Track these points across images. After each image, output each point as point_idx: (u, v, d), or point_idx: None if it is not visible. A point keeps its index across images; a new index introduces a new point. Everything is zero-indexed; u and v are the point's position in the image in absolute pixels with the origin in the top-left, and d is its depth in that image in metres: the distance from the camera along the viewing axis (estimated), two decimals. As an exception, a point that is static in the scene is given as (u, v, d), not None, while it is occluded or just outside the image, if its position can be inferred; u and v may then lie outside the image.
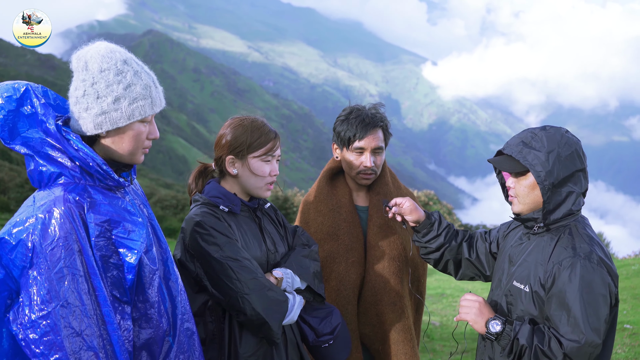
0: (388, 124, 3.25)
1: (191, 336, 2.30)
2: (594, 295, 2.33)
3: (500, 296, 2.62)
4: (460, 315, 2.56)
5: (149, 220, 2.28)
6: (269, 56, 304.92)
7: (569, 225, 2.51)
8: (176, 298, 2.26)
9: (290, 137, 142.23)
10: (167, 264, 2.28)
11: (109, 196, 2.10)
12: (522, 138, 2.53)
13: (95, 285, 1.97)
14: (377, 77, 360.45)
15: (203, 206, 2.64)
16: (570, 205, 2.48)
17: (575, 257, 2.37)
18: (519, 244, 2.64)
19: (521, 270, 2.54)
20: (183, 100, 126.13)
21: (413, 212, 2.94)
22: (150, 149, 2.22)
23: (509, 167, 2.53)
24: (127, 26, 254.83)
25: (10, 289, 1.94)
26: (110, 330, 1.98)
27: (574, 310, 2.31)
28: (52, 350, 1.87)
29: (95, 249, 1.99)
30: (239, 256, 2.51)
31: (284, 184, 54.80)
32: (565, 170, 2.44)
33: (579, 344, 2.28)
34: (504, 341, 2.40)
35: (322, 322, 2.81)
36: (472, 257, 2.94)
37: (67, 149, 2.03)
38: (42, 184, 2.09)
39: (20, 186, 20.90)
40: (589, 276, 2.33)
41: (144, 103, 2.10)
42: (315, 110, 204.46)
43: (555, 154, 2.43)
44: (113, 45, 2.16)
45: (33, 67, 77.59)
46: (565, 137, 2.49)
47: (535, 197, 2.51)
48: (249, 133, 2.64)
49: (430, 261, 3.04)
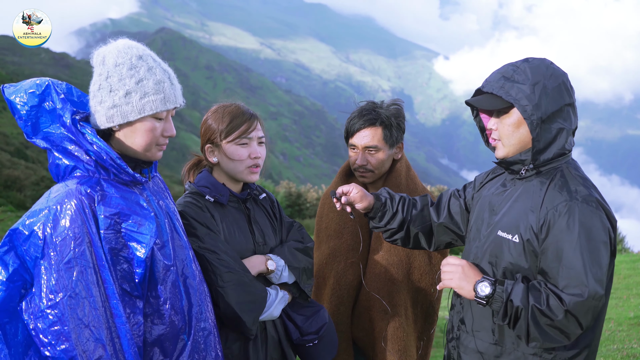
0: (394, 122, 3.09)
1: (207, 336, 2.27)
2: (595, 242, 2.11)
3: (481, 249, 2.37)
4: (443, 282, 2.32)
5: (169, 217, 2.27)
6: (281, 53, 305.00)
7: (560, 167, 2.27)
8: (193, 297, 2.24)
9: (302, 133, 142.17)
10: (186, 262, 2.26)
11: (123, 190, 2.11)
12: (503, 73, 2.29)
13: (104, 278, 1.98)
14: (389, 72, 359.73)
15: (189, 196, 2.63)
16: (563, 144, 2.24)
17: (572, 200, 2.15)
18: (502, 192, 2.40)
19: (507, 219, 2.29)
20: (196, 97, 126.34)
21: (363, 198, 2.68)
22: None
23: (490, 104, 2.27)
24: (139, 24, 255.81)
25: (24, 279, 1.96)
26: (118, 323, 1.98)
27: (574, 261, 2.09)
28: (59, 340, 1.89)
29: (105, 241, 2.00)
30: (217, 248, 2.46)
31: (298, 180, 54.48)
32: (554, 104, 2.20)
33: (582, 298, 2.06)
34: (496, 304, 2.16)
35: (308, 320, 2.74)
36: (443, 219, 2.68)
37: (82, 142, 2.06)
38: (59, 177, 2.12)
39: (36, 184, 21.10)
40: (589, 221, 2.12)
41: (155, 98, 2.10)
42: (328, 107, 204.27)
43: (541, 85, 2.19)
44: (133, 42, 2.19)
45: (47, 66, 78.14)
46: (551, 68, 2.25)
47: (522, 137, 2.26)
48: (220, 119, 2.62)
49: (398, 242, 2.78)
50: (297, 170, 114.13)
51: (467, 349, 2.41)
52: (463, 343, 2.44)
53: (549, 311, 2.09)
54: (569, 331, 2.12)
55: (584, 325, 2.12)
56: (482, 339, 2.36)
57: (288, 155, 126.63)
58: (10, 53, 77.23)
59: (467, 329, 2.42)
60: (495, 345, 2.32)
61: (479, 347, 2.36)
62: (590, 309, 2.10)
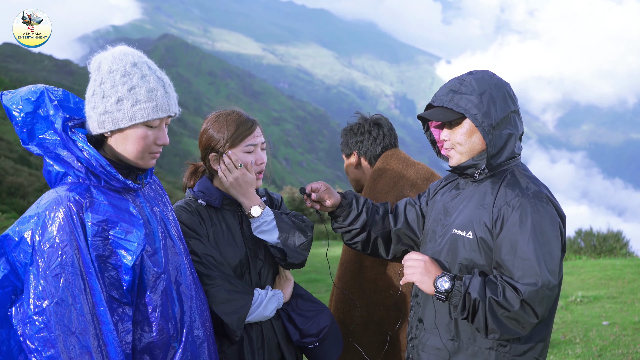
0: (345, 141, 3.39)
1: (201, 344, 2.26)
2: (547, 235, 2.22)
3: (437, 248, 2.47)
4: (406, 277, 2.39)
5: (163, 223, 2.27)
6: (284, 58, 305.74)
7: (510, 169, 2.41)
8: (186, 304, 2.23)
9: (305, 138, 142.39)
10: (180, 269, 2.25)
11: (113, 197, 2.10)
12: (450, 87, 2.42)
13: (91, 285, 1.97)
14: (392, 77, 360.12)
15: (182, 201, 2.64)
16: (513, 148, 2.39)
17: (524, 196, 2.27)
18: (456, 195, 2.52)
19: (462, 217, 2.40)
20: (199, 103, 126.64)
21: (331, 196, 2.75)
22: (167, 153, 2.14)
23: (443, 116, 2.39)
24: (142, 31, 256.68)
25: (14, 285, 1.96)
26: (105, 330, 1.97)
27: (527, 252, 2.19)
28: (45, 346, 1.88)
29: (92, 248, 1.99)
30: (199, 252, 2.46)
31: (301, 185, 54.40)
32: (501, 112, 2.34)
33: (535, 287, 2.16)
34: (455, 298, 2.24)
35: (309, 322, 2.70)
36: (400, 225, 2.76)
37: (72, 148, 2.06)
38: (52, 183, 2.13)
39: (39, 191, 21.11)
40: (540, 216, 2.23)
41: (147, 106, 2.09)
42: (331, 112, 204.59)
43: (487, 95, 2.33)
44: (130, 49, 2.18)
45: (50, 73, 78.36)
46: (494, 78, 2.41)
47: (474, 144, 2.40)
48: (224, 128, 2.59)
49: (357, 246, 2.83)
50: (300, 176, 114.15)
51: (425, 346, 2.48)
52: (422, 341, 2.50)
53: (505, 302, 2.17)
54: (525, 321, 2.19)
55: (539, 314, 2.20)
56: (440, 335, 2.42)
57: (291, 160, 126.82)
58: (13, 60, 77.56)
59: (426, 327, 2.49)
60: (452, 340, 2.40)
61: (437, 344, 2.42)
62: (545, 298, 2.18)
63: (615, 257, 13.89)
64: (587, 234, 15.31)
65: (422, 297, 2.53)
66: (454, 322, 2.38)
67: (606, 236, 14.94)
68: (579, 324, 7.41)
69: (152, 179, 2.41)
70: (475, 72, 2.43)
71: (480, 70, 2.45)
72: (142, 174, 2.28)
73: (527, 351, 2.34)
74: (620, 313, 7.83)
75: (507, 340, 2.30)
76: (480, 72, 2.43)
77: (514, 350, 2.32)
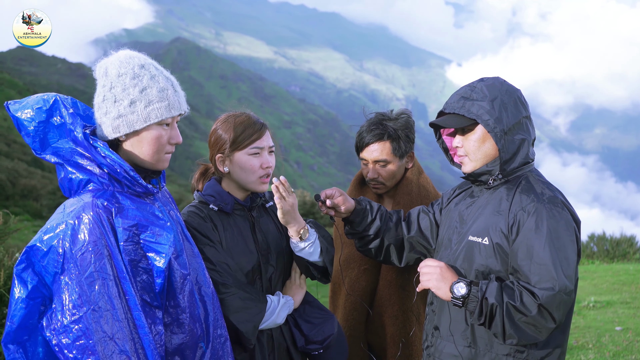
0: (402, 134, 3.09)
1: (224, 342, 2.30)
2: (562, 240, 2.23)
3: (453, 255, 2.47)
4: (422, 283, 2.40)
5: (179, 226, 2.30)
6: (295, 62, 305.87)
7: (524, 175, 2.42)
8: (208, 304, 2.27)
9: (317, 142, 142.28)
10: (199, 270, 2.29)
11: (137, 202, 2.13)
12: (461, 94, 2.44)
13: (125, 289, 1.99)
14: (403, 80, 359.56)
15: (193, 205, 2.63)
16: (526, 153, 2.40)
17: (539, 202, 2.28)
18: (471, 203, 2.53)
19: (477, 224, 2.41)
20: (210, 106, 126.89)
21: (345, 202, 2.75)
22: (179, 155, 2.13)
23: (455, 123, 2.40)
24: (155, 34, 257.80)
25: (43, 296, 1.97)
26: (141, 334, 2.00)
27: (544, 257, 2.19)
28: (84, 354, 1.90)
29: (124, 253, 2.01)
30: (214, 260, 2.47)
31: (312, 189, 54.33)
32: (513, 117, 2.35)
33: (553, 291, 2.16)
34: (471, 304, 2.24)
35: (315, 328, 2.71)
36: (413, 233, 2.77)
37: (95, 156, 2.07)
38: (72, 191, 2.13)
39: (52, 193, 21.26)
40: (555, 221, 2.24)
41: (159, 106, 2.11)
42: (342, 115, 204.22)
43: (499, 101, 2.35)
44: (134, 52, 2.20)
45: (63, 76, 78.83)
46: (505, 84, 2.42)
47: (487, 151, 2.40)
48: (231, 129, 2.61)
49: (370, 252, 2.85)
50: (311, 179, 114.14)
51: (442, 354, 2.47)
52: (438, 349, 2.49)
53: (523, 307, 2.17)
54: (543, 326, 2.20)
55: (557, 319, 2.20)
56: (457, 342, 2.42)
57: (302, 164, 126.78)
58: (27, 64, 78.05)
59: (442, 334, 2.48)
60: (469, 347, 2.39)
61: (453, 351, 2.42)
62: (562, 303, 2.19)
63: (628, 261, 13.79)
64: (600, 239, 15.21)
65: (437, 304, 2.54)
66: (471, 328, 2.39)
67: (619, 240, 14.83)
68: (592, 329, 7.37)
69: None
70: (486, 79, 2.45)
71: (491, 77, 2.47)
72: (156, 178, 2.29)
73: (544, 357, 2.34)
74: (633, 318, 7.79)
75: (525, 347, 2.30)
76: (491, 78, 2.45)
77: (531, 356, 2.32)
